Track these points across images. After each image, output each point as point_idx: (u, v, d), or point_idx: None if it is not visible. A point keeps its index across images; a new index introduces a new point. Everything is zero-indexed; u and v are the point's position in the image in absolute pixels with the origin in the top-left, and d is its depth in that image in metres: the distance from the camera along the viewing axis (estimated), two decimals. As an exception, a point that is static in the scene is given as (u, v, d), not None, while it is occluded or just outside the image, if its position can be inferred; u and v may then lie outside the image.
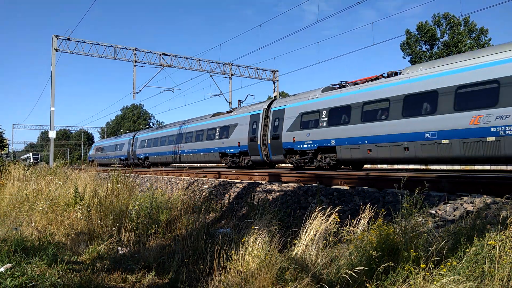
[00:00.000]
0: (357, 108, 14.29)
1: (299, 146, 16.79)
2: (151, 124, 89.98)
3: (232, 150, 21.35)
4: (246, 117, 20.74)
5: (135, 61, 27.00)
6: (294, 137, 17.03)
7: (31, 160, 66.35)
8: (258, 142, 19.27)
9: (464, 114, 10.61)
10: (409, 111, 12.33)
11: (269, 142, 18.61)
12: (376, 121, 13.47)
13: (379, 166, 21.54)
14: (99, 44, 26.08)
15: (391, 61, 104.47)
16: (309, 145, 16.30)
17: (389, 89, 13.22)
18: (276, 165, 22.73)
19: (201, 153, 24.44)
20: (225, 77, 31.30)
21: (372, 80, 14.75)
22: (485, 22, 67.15)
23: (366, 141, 13.68)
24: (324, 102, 16.01)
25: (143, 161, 33.89)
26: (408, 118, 12.29)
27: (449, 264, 3.52)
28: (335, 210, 5.09)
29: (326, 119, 15.62)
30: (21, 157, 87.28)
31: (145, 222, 6.67)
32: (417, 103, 12.22)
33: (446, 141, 10.90)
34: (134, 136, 37.33)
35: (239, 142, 20.78)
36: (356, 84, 15.49)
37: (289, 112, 17.66)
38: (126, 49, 26.89)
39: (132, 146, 36.69)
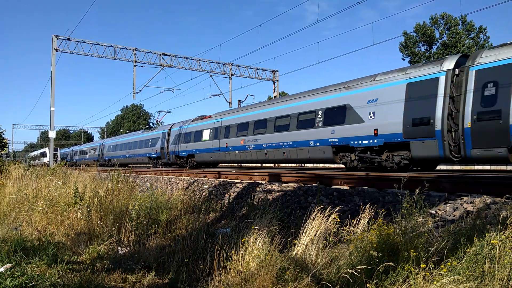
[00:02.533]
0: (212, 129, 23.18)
1: (180, 153, 26.83)
2: (151, 124, 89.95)
3: (154, 155, 31.53)
4: (160, 134, 30.77)
5: (135, 61, 26.99)
6: (173, 147, 27.81)
7: (47, 159, 53.33)
8: (165, 151, 29.23)
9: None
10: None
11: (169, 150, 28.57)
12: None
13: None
14: (99, 44, 26.08)
15: (391, 61, 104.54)
16: (184, 152, 26.51)
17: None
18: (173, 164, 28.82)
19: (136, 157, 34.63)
20: (225, 77, 31.32)
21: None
22: (485, 22, 67.15)
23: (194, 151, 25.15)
24: (191, 128, 25.90)
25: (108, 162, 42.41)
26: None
27: (449, 264, 3.52)
28: (335, 210, 5.10)
29: (190, 138, 25.70)
30: (31, 154, 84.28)
31: (145, 222, 6.67)
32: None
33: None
34: (103, 143, 47.52)
35: (156, 150, 30.88)
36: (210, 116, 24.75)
37: (173, 133, 28.27)
38: (126, 49, 26.88)
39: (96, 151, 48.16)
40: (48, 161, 44.89)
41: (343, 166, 14.87)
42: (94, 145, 52.70)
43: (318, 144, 15.30)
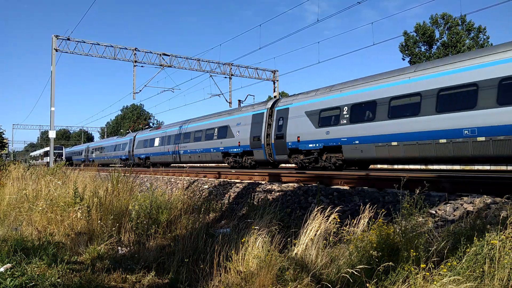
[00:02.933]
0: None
1: (140, 156, 32.77)
2: (151, 124, 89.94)
3: (124, 157, 36.54)
4: (128, 140, 36.36)
5: (135, 61, 26.99)
6: (137, 151, 33.02)
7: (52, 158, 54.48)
8: (131, 153, 33.84)
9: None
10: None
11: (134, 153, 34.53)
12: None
13: (378, 166, 21.55)
14: (99, 44, 26.08)
15: (391, 61, 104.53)
16: (143, 155, 32.46)
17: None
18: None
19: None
20: (225, 77, 31.31)
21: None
22: (485, 22, 67.16)
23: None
24: (148, 136, 33.56)
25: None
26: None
27: (449, 264, 3.52)
28: (335, 210, 5.10)
29: (147, 144, 32.62)
30: (33, 154, 79.96)
31: (145, 222, 6.67)
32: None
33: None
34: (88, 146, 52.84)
35: (125, 153, 35.33)
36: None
37: (137, 139, 34.01)
38: (126, 49, 26.88)
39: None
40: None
41: (227, 165, 22.32)
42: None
43: (215, 151, 23.07)
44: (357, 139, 14.02)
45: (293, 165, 18.19)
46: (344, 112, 14.68)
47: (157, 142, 31.06)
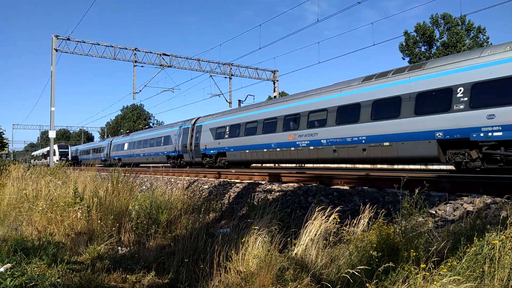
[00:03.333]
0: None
1: (115, 157, 41.07)
2: (151, 124, 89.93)
3: (103, 158, 43.25)
4: (106, 144, 43.87)
5: (135, 61, 26.99)
6: (114, 153, 41.64)
7: (57, 158, 49.04)
8: (108, 156, 42.17)
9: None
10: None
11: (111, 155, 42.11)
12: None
13: (379, 166, 21.59)
14: (99, 44, 26.08)
15: (391, 61, 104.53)
16: (116, 157, 41.16)
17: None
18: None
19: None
20: (225, 77, 31.32)
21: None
22: (485, 22, 67.15)
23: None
24: (120, 141, 41.74)
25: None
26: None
27: (449, 264, 3.52)
28: (335, 210, 5.09)
29: (118, 147, 40.69)
30: (35, 153, 74.54)
31: (145, 222, 6.67)
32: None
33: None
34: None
35: (104, 155, 43.54)
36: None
37: (113, 144, 42.62)
38: (126, 49, 26.88)
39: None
40: (57, 160, 43.95)
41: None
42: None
43: (161, 153, 30.08)
44: (232, 148, 21.11)
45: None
46: (227, 130, 21.82)
47: (126, 146, 38.62)
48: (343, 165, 21.59)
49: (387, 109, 12.94)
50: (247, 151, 19.70)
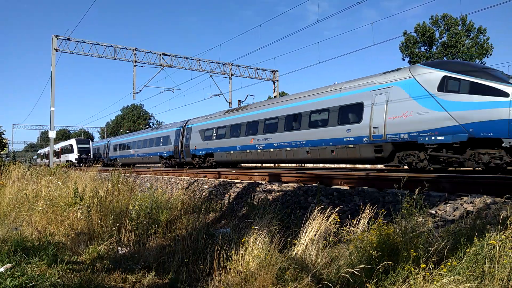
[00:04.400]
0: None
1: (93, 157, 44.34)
2: (151, 124, 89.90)
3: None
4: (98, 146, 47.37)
5: (135, 61, 27.00)
6: (98, 154, 45.00)
7: (76, 156, 41.81)
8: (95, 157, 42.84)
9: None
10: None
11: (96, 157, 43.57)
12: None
13: (378, 166, 21.61)
14: (99, 44, 26.08)
15: (391, 61, 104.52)
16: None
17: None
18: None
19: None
20: (225, 77, 31.33)
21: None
22: (485, 22, 67.15)
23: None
24: (100, 144, 48.85)
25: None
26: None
27: (449, 264, 3.52)
28: (335, 210, 5.09)
29: (101, 150, 46.87)
30: (42, 151, 57.86)
31: (145, 222, 6.67)
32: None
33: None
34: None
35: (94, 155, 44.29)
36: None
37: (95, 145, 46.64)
38: (126, 49, 26.89)
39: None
40: (76, 159, 40.75)
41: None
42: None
43: (154, 154, 31.88)
44: (218, 149, 22.64)
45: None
46: (214, 132, 23.48)
47: (122, 147, 41.04)
48: (343, 165, 21.65)
49: (320, 119, 16.01)
50: (231, 152, 21.47)
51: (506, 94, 9.94)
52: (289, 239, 4.68)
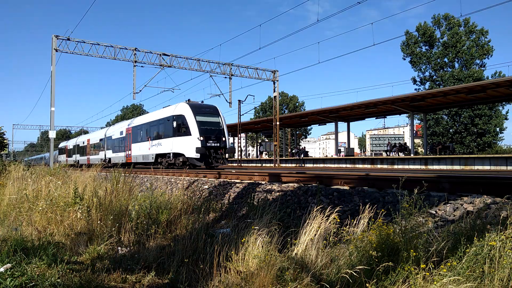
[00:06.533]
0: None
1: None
2: None
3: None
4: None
5: (135, 61, 26.98)
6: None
7: (198, 144, 17.53)
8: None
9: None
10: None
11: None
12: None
13: (378, 166, 21.62)
14: (99, 44, 26.07)
15: (391, 61, 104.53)
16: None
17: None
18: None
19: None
20: (225, 77, 31.30)
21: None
22: (486, 22, 67.15)
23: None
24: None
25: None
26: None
27: (449, 264, 3.52)
28: (335, 210, 5.09)
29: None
30: (71, 143, 47.62)
31: (145, 222, 6.66)
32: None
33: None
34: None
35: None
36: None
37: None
38: (126, 49, 26.88)
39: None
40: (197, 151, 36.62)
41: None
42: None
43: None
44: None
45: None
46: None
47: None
48: (343, 166, 21.66)
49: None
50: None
51: None
52: (289, 239, 4.68)
